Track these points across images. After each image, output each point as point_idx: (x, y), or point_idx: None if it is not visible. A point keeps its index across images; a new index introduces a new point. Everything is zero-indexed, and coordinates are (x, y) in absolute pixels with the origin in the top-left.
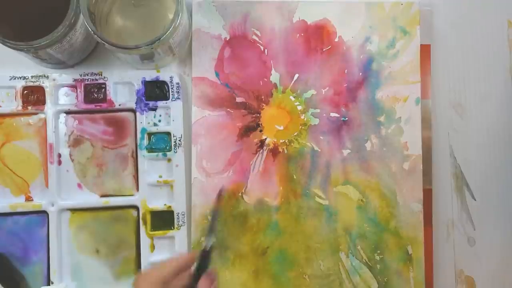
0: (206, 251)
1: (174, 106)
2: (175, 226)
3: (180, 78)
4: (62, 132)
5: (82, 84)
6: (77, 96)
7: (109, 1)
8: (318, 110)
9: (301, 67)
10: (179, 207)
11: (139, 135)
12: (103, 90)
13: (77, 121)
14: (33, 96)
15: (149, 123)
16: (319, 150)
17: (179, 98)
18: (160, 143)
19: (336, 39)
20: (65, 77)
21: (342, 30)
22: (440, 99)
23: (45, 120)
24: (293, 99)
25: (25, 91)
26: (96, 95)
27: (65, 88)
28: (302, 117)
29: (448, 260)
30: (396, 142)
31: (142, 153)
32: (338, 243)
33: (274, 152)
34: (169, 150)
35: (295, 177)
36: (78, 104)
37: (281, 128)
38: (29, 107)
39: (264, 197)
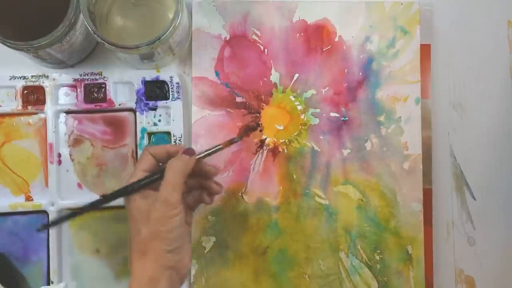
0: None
1: (174, 106)
2: None
3: (180, 78)
4: (62, 132)
5: (82, 84)
6: (77, 96)
7: (109, 1)
8: (318, 110)
9: (301, 66)
10: None
11: (139, 135)
12: (103, 90)
13: (77, 121)
14: (33, 96)
15: (149, 123)
16: (319, 150)
17: (179, 98)
18: (160, 143)
19: (336, 39)
20: (65, 77)
21: (342, 29)
22: (440, 99)
23: (45, 120)
24: (293, 99)
25: (25, 91)
26: (96, 95)
27: (65, 88)
28: (302, 117)
29: (448, 260)
30: (396, 142)
31: None
32: (338, 243)
33: (274, 152)
34: None
35: (295, 177)
36: (78, 104)
37: (281, 128)
38: (29, 107)
39: (264, 197)
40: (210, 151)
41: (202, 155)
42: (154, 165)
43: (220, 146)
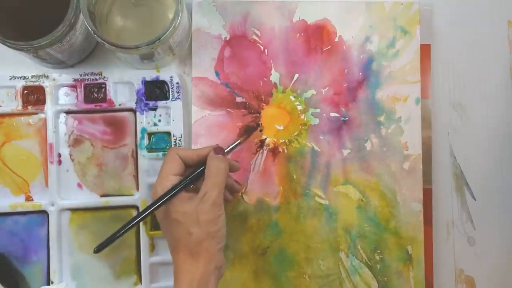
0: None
1: (174, 106)
2: None
3: (180, 78)
4: (62, 132)
5: (82, 84)
6: (77, 96)
7: (109, 1)
8: (318, 110)
9: (301, 67)
10: None
11: (139, 135)
12: (103, 90)
13: (77, 121)
14: (33, 96)
15: (149, 123)
16: (319, 150)
17: (179, 98)
18: (160, 143)
19: (336, 39)
20: (65, 77)
21: (342, 30)
22: (440, 99)
23: (45, 120)
24: (293, 99)
25: (25, 91)
26: (96, 95)
27: (65, 88)
28: (302, 117)
29: (448, 260)
30: (396, 142)
31: (142, 153)
32: (338, 243)
33: (274, 152)
34: None
35: (295, 177)
36: (78, 104)
37: (281, 128)
38: (29, 107)
39: (264, 197)
40: (233, 146)
41: (228, 149)
42: (183, 168)
43: (239, 141)
